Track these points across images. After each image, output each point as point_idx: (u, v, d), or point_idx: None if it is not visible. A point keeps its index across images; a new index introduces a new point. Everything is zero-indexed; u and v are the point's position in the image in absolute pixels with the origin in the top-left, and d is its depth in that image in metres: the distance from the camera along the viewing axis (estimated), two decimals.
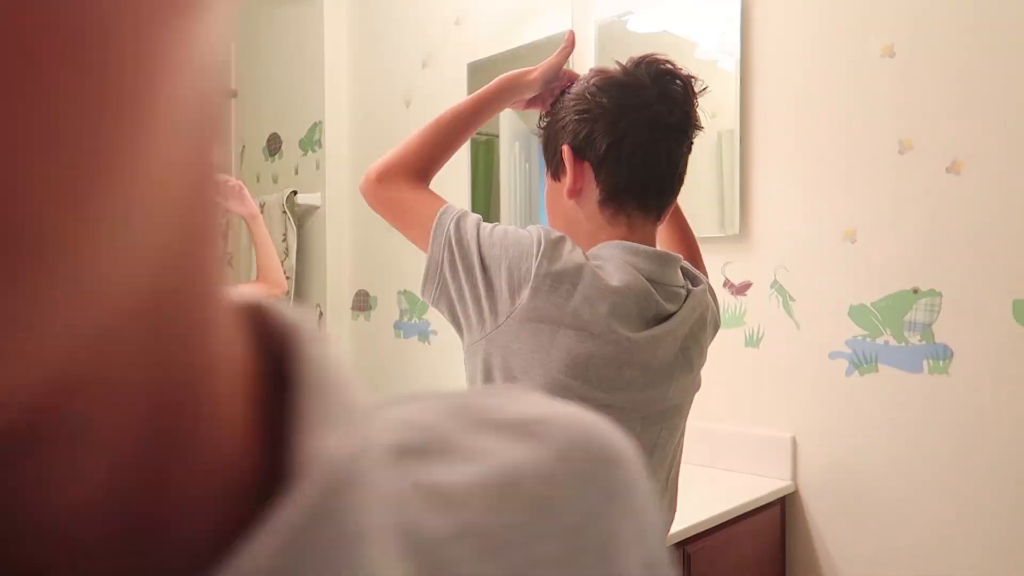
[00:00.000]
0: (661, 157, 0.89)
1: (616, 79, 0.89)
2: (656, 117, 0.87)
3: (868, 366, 1.60)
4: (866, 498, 1.61)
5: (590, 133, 0.88)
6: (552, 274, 0.79)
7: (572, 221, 0.92)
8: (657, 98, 0.87)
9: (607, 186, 0.88)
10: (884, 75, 1.57)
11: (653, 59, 0.90)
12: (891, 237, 1.57)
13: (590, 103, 0.88)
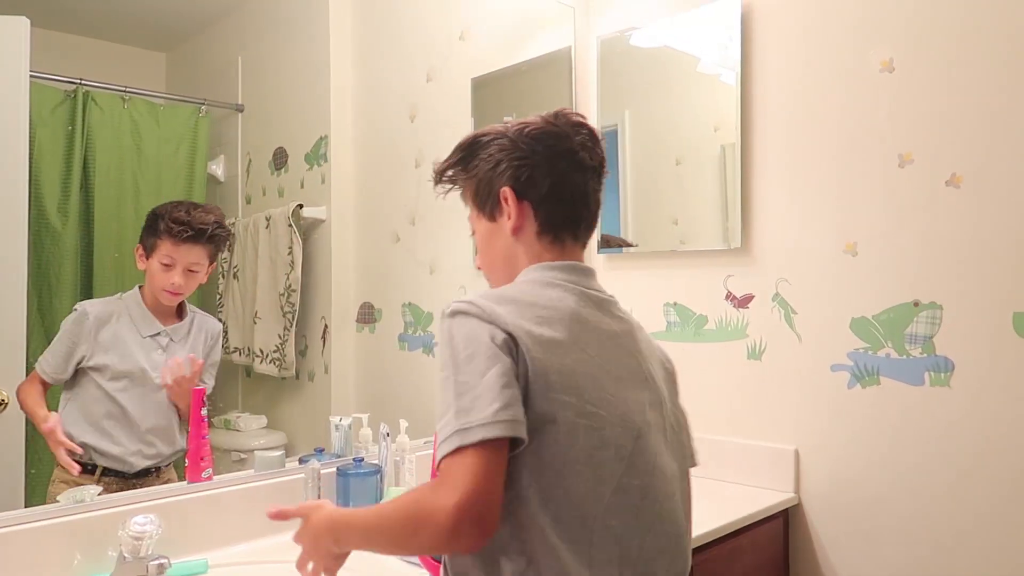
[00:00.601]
0: (588, 195, 1.01)
1: (546, 129, 0.99)
2: (581, 161, 0.99)
3: (870, 378, 1.60)
4: (869, 510, 1.61)
5: (530, 176, 0.98)
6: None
7: (510, 256, 1.00)
8: (579, 144, 0.99)
9: (546, 221, 0.99)
10: (884, 89, 1.59)
11: (567, 112, 1.01)
12: (892, 250, 1.58)
13: (527, 150, 0.98)
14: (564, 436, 0.84)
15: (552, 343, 0.86)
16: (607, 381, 0.90)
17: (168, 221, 1.49)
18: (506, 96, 2.15)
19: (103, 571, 1.19)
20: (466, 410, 0.80)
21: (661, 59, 2.00)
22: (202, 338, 1.59)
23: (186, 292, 1.53)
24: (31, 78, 1.45)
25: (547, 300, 0.92)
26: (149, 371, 1.48)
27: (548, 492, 0.83)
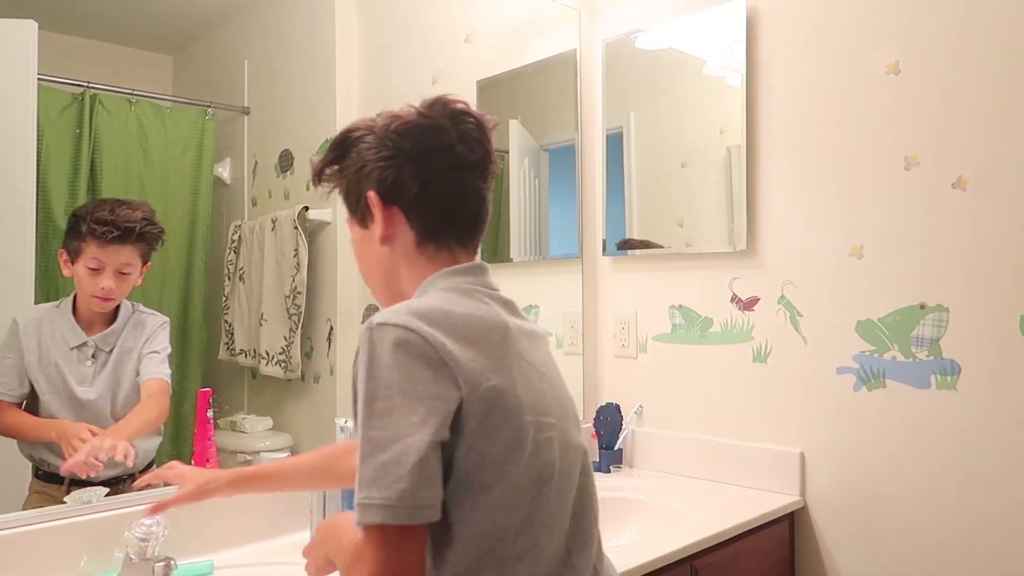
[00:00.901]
0: (469, 195, 0.90)
1: (416, 123, 0.88)
2: (459, 157, 0.89)
3: (876, 381, 1.60)
4: (875, 513, 1.60)
5: (397, 178, 0.87)
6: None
7: (388, 268, 0.91)
8: (457, 139, 0.88)
9: (422, 227, 0.89)
10: (889, 92, 1.58)
11: (446, 100, 0.90)
12: (898, 253, 1.57)
13: (393, 149, 0.88)
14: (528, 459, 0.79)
15: (490, 369, 0.78)
16: (550, 401, 0.85)
17: (91, 222, 1.37)
18: (512, 98, 2.15)
19: (109, 572, 1.19)
20: (370, 480, 0.71)
21: (666, 61, 2.00)
22: (138, 337, 1.46)
23: (118, 297, 1.42)
24: (39, 81, 1.45)
25: (477, 312, 0.83)
26: (74, 385, 1.37)
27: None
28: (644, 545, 1.41)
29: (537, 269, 2.16)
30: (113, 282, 1.39)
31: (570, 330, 2.14)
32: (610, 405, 2.00)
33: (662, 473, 1.92)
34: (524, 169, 2.13)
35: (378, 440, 0.72)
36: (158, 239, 1.49)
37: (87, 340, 1.40)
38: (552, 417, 0.84)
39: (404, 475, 0.71)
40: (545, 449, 0.82)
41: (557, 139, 2.18)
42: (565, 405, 0.89)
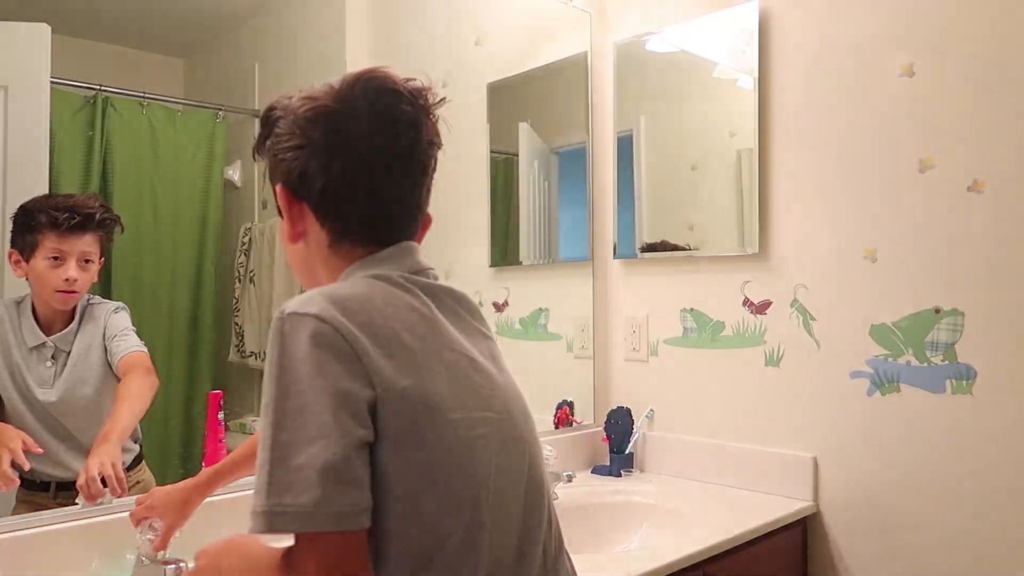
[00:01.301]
0: (388, 190, 0.79)
1: (327, 108, 0.78)
2: (376, 149, 0.78)
3: (890, 386, 1.59)
4: (889, 519, 1.59)
5: (304, 171, 0.78)
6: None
7: (307, 264, 0.83)
8: (377, 125, 0.78)
9: (332, 229, 0.79)
10: (904, 94, 1.57)
11: (371, 76, 0.79)
12: (912, 256, 1.56)
13: (301, 137, 0.78)
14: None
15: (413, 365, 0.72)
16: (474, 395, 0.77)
17: (49, 211, 1.32)
18: (522, 101, 2.15)
19: (121, 574, 1.19)
20: (284, 486, 0.64)
21: (677, 64, 2.00)
22: (94, 331, 1.40)
23: (82, 289, 1.35)
24: (52, 84, 1.46)
25: (399, 302, 0.75)
26: (34, 387, 1.32)
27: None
28: (656, 550, 1.40)
29: (546, 272, 2.15)
30: (77, 272, 1.33)
31: (580, 333, 2.13)
32: (621, 409, 1.99)
33: (673, 477, 1.91)
34: (534, 172, 2.13)
35: (290, 443, 0.65)
36: (114, 227, 1.44)
37: (46, 340, 1.34)
38: (490, 411, 0.77)
39: (317, 481, 0.63)
40: (479, 447, 0.74)
41: (567, 142, 2.17)
42: (508, 397, 0.81)
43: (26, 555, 1.14)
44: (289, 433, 0.65)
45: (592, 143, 2.16)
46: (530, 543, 0.79)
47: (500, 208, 2.10)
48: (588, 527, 1.68)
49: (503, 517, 0.76)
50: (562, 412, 2.04)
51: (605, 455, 2.00)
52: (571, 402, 2.07)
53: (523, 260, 2.09)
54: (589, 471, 1.99)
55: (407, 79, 0.81)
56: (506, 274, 2.08)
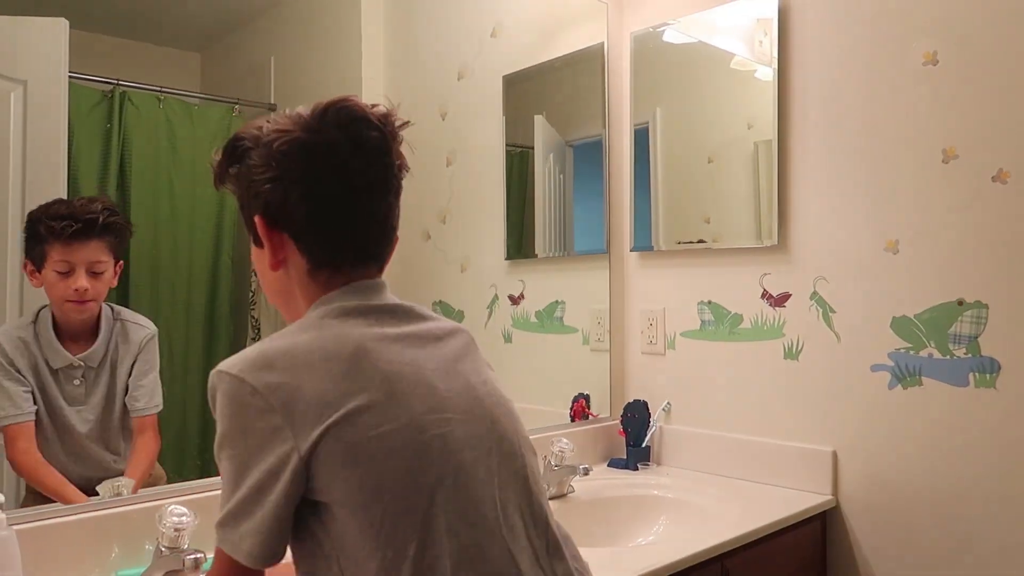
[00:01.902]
0: (365, 219, 0.84)
1: (301, 139, 0.80)
2: (353, 176, 0.81)
3: (911, 379, 1.57)
4: (909, 514, 1.57)
5: (283, 203, 0.81)
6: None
7: (285, 292, 0.86)
8: (351, 153, 0.81)
9: (312, 256, 0.83)
10: (926, 83, 1.55)
11: (342, 105, 0.82)
12: (935, 248, 1.54)
13: (277, 170, 0.80)
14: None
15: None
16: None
17: (48, 221, 1.26)
18: (537, 93, 2.13)
19: (140, 565, 1.20)
20: (235, 519, 0.74)
21: (694, 55, 1.98)
22: (126, 351, 1.37)
23: (95, 297, 1.30)
24: (70, 78, 1.46)
25: (326, 338, 0.78)
26: (65, 408, 1.29)
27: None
28: (673, 543, 1.39)
29: (562, 265, 2.14)
30: (86, 282, 1.27)
31: (596, 326, 2.12)
32: (637, 402, 1.98)
33: (691, 471, 1.90)
34: (549, 165, 2.12)
35: (229, 494, 0.75)
36: (125, 231, 1.37)
37: (72, 361, 1.30)
38: (448, 413, 0.79)
39: (251, 535, 0.74)
40: (433, 448, 0.76)
41: (582, 134, 2.16)
42: (475, 398, 0.83)
43: (48, 544, 1.16)
44: (227, 485, 0.75)
45: (609, 136, 2.15)
46: (513, 540, 0.80)
47: (515, 201, 2.09)
48: (605, 520, 1.68)
49: (471, 514, 0.77)
50: (578, 405, 2.04)
51: (621, 448, 1.99)
52: (587, 395, 2.06)
53: (538, 253, 2.09)
54: (605, 464, 1.98)
55: (372, 105, 0.84)
56: (521, 267, 2.07)
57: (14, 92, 1.37)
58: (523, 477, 0.85)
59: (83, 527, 1.19)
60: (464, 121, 2.05)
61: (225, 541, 0.75)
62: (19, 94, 1.38)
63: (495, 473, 0.81)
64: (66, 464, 1.29)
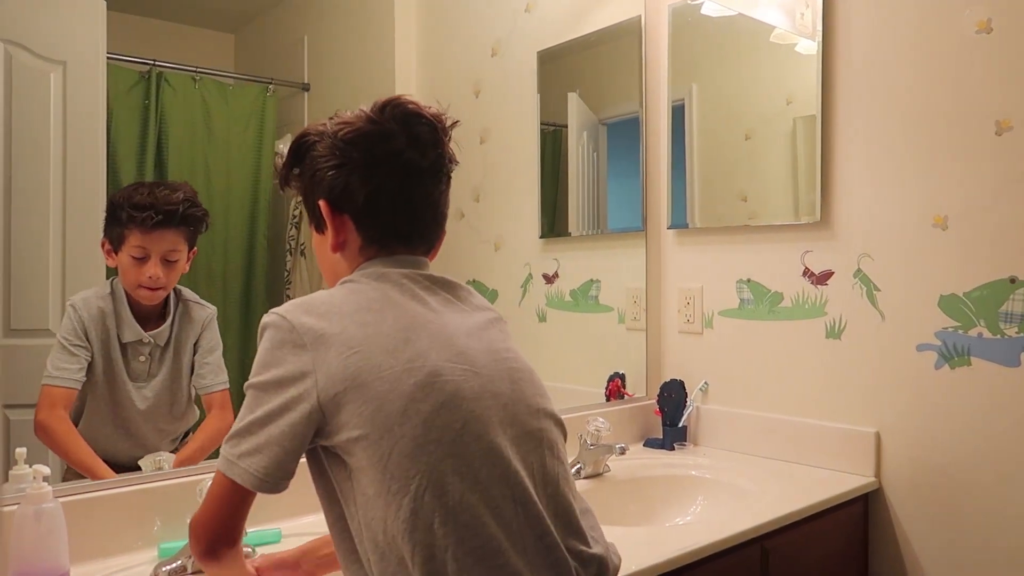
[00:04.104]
0: (419, 202, 0.92)
1: (364, 130, 0.89)
2: (409, 164, 0.89)
3: (960, 359, 1.52)
4: (955, 498, 1.53)
5: (345, 187, 0.89)
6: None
7: (339, 272, 0.93)
8: (407, 143, 0.89)
9: (367, 234, 0.91)
10: (980, 52, 1.48)
11: (398, 102, 0.90)
12: (986, 223, 1.48)
13: (341, 157, 0.88)
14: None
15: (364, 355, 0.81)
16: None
17: (129, 208, 1.30)
18: (574, 69, 2.10)
19: (182, 538, 1.21)
20: (239, 435, 0.80)
21: (732, 28, 1.93)
22: (189, 331, 1.40)
23: (167, 286, 1.35)
24: (108, 59, 1.47)
25: (361, 292, 0.86)
26: (128, 383, 1.33)
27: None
28: (712, 524, 1.37)
29: (596, 243, 2.12)
30: (160, 270, 1.31)
31: (632, 305, 2.09)
32: (674, 382, 1.96)
33: (728, 452, 1.87)
34: (583, 143, 2.09)
35: (241, 418, 0.81)
36: (203, 221, 1.40)
37: (143, 337, 1.34)
38: (465, 364, 0.84)
39: (248, 455, 0.79)
40: (446, 393, 0.81)
41: (616, 112, 2.12)
42: (496, 360, 0.88)
43: (93, 517, 1.18)
44: (248, 411, 0.81)
45: (646, 112, 2.11)
46: (518, 494, 0.83)
47: (548, 179, 2.07)
48: (641, 500, 1.67)
49: (476, 462, 0.81)
50: (614, 384, 2.02)
51: (658, 428, 1.97)
52: (623, 374, 2.04)
53: (572, 231, 2.07)
54: (641, 444, 1.96)
55: (427, 106, 0.93)
56: (556, 245, 2.05)
57: (54, 73, 1.39)
58: (537, 440, 0.88)
59: (126, 501, 1.21)
60: (498, 98, 2.03)
61: (222, 459, 0.81)
62: (59, 75, 1.39)
63: (507, 429, 0.85)
64: (115, 439, 1.31)
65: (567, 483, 0.89)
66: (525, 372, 0.91)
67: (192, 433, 1.41)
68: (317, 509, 1.37)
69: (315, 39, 2.00)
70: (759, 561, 1.38)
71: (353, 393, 0.79)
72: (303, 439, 0.80)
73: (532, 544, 0.81)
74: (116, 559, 1.18)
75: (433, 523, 0.77)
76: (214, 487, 0.82)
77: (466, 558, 0.77)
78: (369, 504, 0.79)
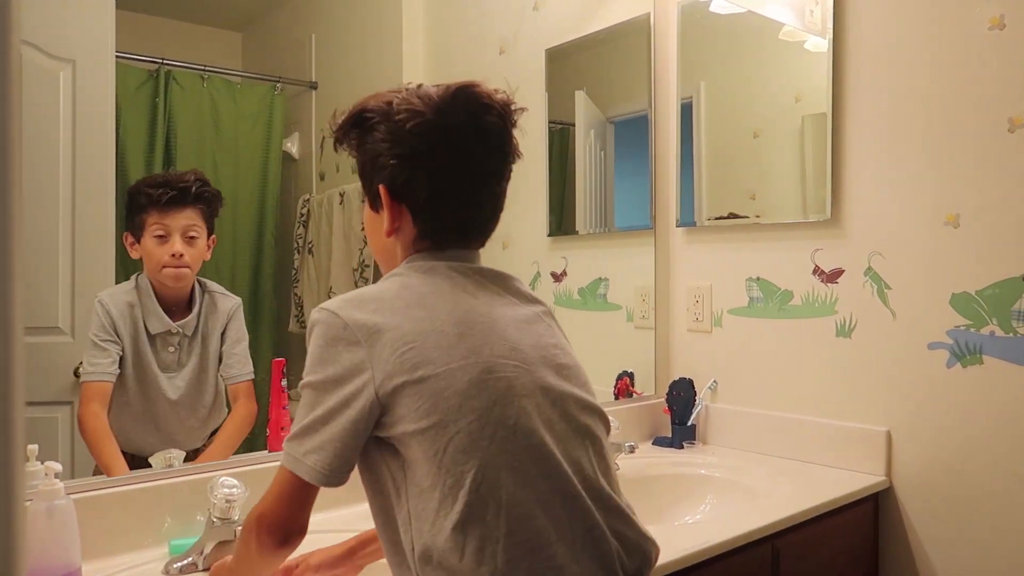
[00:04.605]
0: (479, 200, 0.91)
1: (434, 124, 0.87)
2: (476, 162, 0.89)
3: (972, 357, 1.51)
4: (966, 498, 1.52)
5: (409, 179, 0.88)
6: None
7: (390, 252, 0.94)
8: (475, 139, 0.88)
9: (424, 228, 0.90)
10: (992, 48, 1.48)
11: (468, 89, 0.88)
12: (999, 221, 1.47)
13: (407, 148, 0.87)
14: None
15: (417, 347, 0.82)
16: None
17: (146, 189, 1.36)
18: (581, 67, 2.10)
19: (192, 535, 1.21)
20: (302, 435, 0.82)
21: (742, 26, 1.92)
22: (215, 321, 1.43)
23: (191, 263, 1.37)
24: (116, 58, 1.47)
25: (414, 285, 0.87)
26: (159, 374, 1.35)
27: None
28: (723, 522, 1.36)
29: (603, 241, 2.11)
30: (182, 246, 1.35)
31: (641, 303, 2.09)
32: (683, 380, 1.95)
33: (737, 450, 1.87)
34: (590, 142, 2.08)
35: (302, 417, 0.83)
36: (217, 201, 1.45)
37: (172, 327, 1.37)
38: (515, 360, 0.85)
39: (314, 451, 0.81)
40: (499, 389, 0.82)
41: (624, 111, 2.12)
42: (544, 356, 0.89)
43: (104, 513, 1.18)
44: (305, 410, 0.83)
45: (655, 110, 2.10)
46: (566, 488, 0.83)
47: (556, 177, 2.07)
48: (650, 498, 1.66)
49: (527, 457, 0.82)
50: (622, 383, 2.01)
51: (666, 427, 1.96)
52: (631, 373, 2.04)
53: (579, 230, 2.06)
54: (650, 443, 1.96)
55: (495, 90, 0.91)
56: (564, 244, 2.05)
57: (63, 71, 1.39)
58: (584, 435, 0.89)
59: (137, 497, 1.21)
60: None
61: (288, 457, 0.82)
62: (68, 73, 1.40)
63: (555, 425, 0.86)
64: (145, 434, 1.33)
65: (611, 478, 0.90)
66: (573, 368, 0.92)
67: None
68: (330, 506, 1.38)
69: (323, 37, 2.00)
70: (770, 560, 1.37)
71: (411, 387, 0.80)
72: (363, 433, 0.81)
73: (580, 536, 0.83)
74: (127, 556, 1.18)
75: (486, 516, 0.78)
76: (281, 484, 0.83)
77: (515, 550, 0.79)
78: (423, 496, 0.80)
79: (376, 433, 0.83)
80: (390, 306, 0.84)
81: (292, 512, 0.83)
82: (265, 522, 0.84)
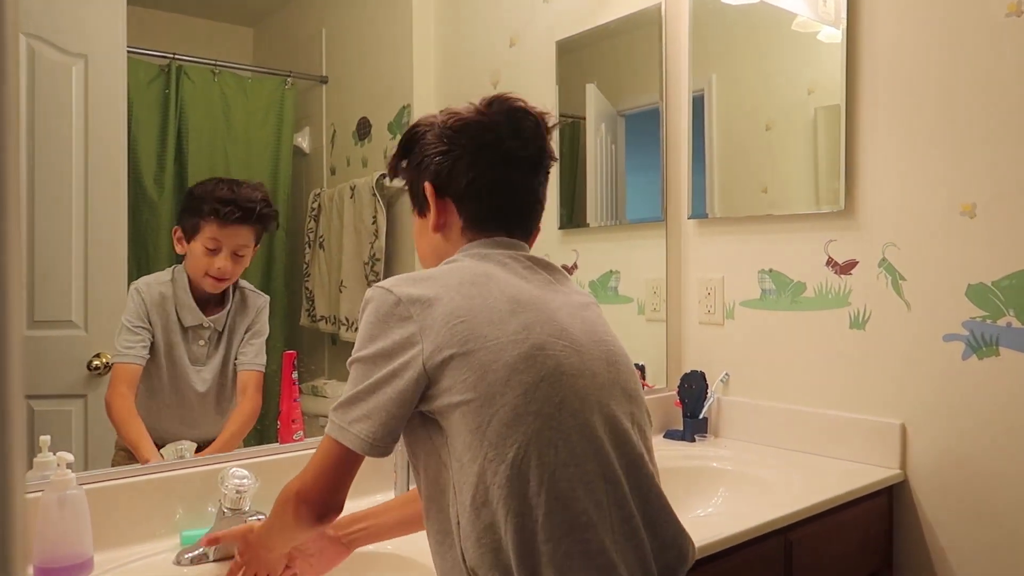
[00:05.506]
0: (518, 189, 0.96)
1: (472, 120, 0.95)
2: (510, 153, 0.94)
3: (988, 349, 1.49)
4: (982, 490, 1.50)
5: (451, 171, 0.94)
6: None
7: (440, 252, 0.98)
8: (511, 134, 0.94)
9: (469, 215, 0.95)
10: (1010, 36, 1.45)
11: (506, 98, 0.96)
12: (1015, 211, 1.45)
13: (448, 144, 0.94)
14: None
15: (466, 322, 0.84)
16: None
17: (213, 202, 1.37)
18: (593, 59, 2.09)
19: (203, 526, 1.22)
20: (349, 404, 0.84)
21: (754, 17, 1.90)
22: (244, 317, 1.45)
23: (232, 278, 1.41)
24: (128, 53, 1.48)
25: (467, 268, 0.89)
26: (189, 366, 1.37)
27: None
28: (736, 515, 1.35)
29: (614, 234, 2.10)
30: (228, 263, 1.37)
31: (652, 296, 2.08)
32: (695, 373, 1.94)
33: (750, 443, 1.85)
34: (601, 135, 2.07)
35: (350, 388, 0.84)
36: (273, 221, 1.49)
37: (204, 321, 1.39)
38: (566, 341, 0.86)
39: (360, 420, 0.82)
40: (547, 367, 0.83)
41: (635, 103, 2.11)
42: (595, 340, 0.91)
43: (116, 504, 1.19)
44: (353, 383, 0.85)
45: (667, 102, 2.09)
46: (608, 471, 0.84)
47: (567, 171, 2.06)
48: None
49: (573, 436, 0.83)
50: None
51: (678, 419, 1.96)
52: (643, 365, 2.03)
53: (590, 222, 2.05)
54: (662, 435, 1.95)
55: (532, 105, 0.98)
56: (574, 236, 2.04)
57: (75, 66, 1.40)
58: (628, 423, 0.89)
59: (149, 488, 1.22)
60: (516, 89, 2.00)
61: (333, 425, 0.84)
62: (80, 68, 1.40)
63: (601, 409, 0.87)
64: (169, 420, 1.35)
65: (652, 469, 0.91)
66: (621, 356, 0.94)
67: None
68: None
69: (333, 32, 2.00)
70: (783, 553, 1.36)
71: (459, 360, 0.81)
72: (410, 404, 0.82)
73: (618, 524, 0.83)
74: (139, 546, 1.19)
75: (528, 491, 0.79)
76: (323, 455, 0.84)
77: (555, 529, 0.79)
78: (464, 469, 0.80)
79: (421, 408, 0.84)
80: (444, 282, 0.86)
81: (333, 485, 0.84)
82: (304, 496, 0.84)
